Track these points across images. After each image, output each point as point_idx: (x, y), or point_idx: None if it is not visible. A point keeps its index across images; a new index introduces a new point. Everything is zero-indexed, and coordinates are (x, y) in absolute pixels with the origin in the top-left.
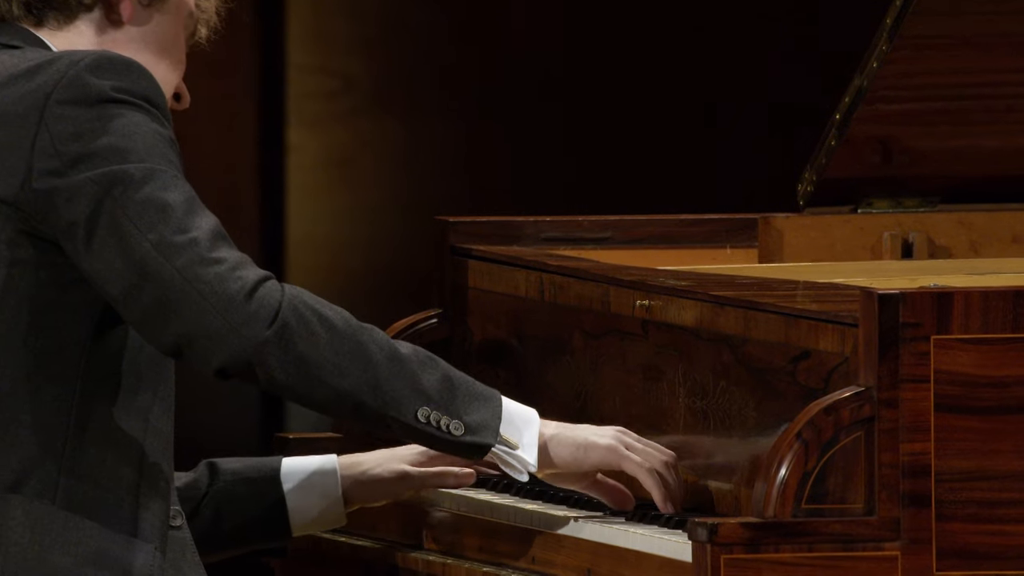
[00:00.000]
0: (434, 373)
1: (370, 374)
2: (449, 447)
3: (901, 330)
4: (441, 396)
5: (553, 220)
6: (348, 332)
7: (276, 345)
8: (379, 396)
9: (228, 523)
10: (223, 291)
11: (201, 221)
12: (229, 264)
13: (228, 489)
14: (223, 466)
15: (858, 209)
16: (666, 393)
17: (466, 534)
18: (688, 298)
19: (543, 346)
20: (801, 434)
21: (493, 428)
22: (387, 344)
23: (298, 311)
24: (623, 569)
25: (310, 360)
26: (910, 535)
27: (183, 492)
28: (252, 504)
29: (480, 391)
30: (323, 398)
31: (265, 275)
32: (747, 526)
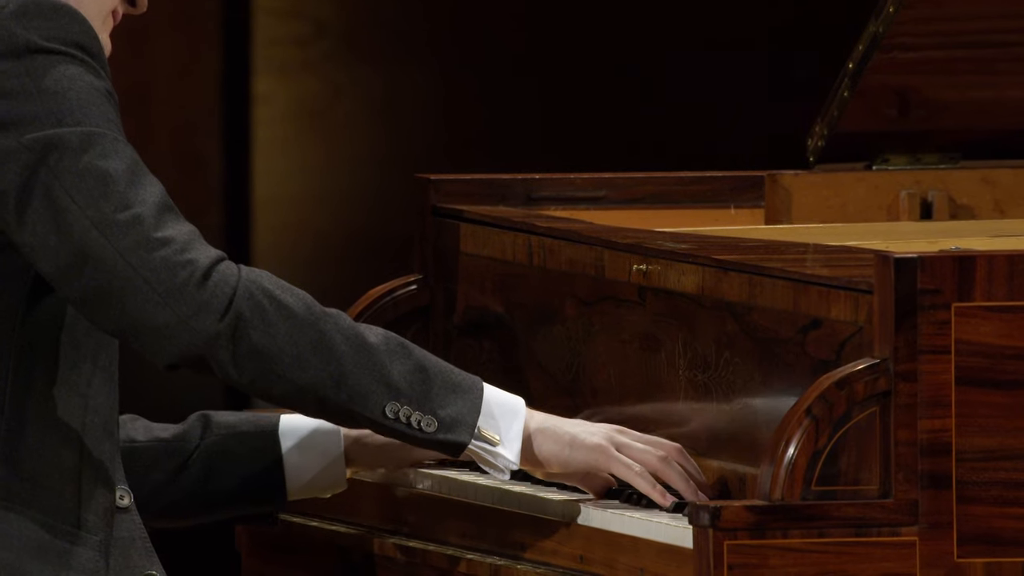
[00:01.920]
0: (405, 363)
1: (333, 366)
2: (422, 445)
3: (919, 297)
4: (412, 389)
5: (543, 178)
6: (309, 320)
7: (229, 338)
8: (343, 390)
9: (219, 481)
10: (171, 279)
11: (145, 193)
12: (177, 245)
13: (221, 444)
14: (217, 419)
15: (873, 166)
16: (665, 365)
17: (448, 518)
18: (689, 262)
19: (532, 315)
20: (811, 410)
21: (469, 423)
22: (353, 332)
23: (254, 299)
24: (618, 556)
25: (267, 353)
26: (929, 519)
27: (171, 445)
28: (246, 461)
29: (458, 381)
30: (282, 393)
31: (217, 256)
32: (752, 510)
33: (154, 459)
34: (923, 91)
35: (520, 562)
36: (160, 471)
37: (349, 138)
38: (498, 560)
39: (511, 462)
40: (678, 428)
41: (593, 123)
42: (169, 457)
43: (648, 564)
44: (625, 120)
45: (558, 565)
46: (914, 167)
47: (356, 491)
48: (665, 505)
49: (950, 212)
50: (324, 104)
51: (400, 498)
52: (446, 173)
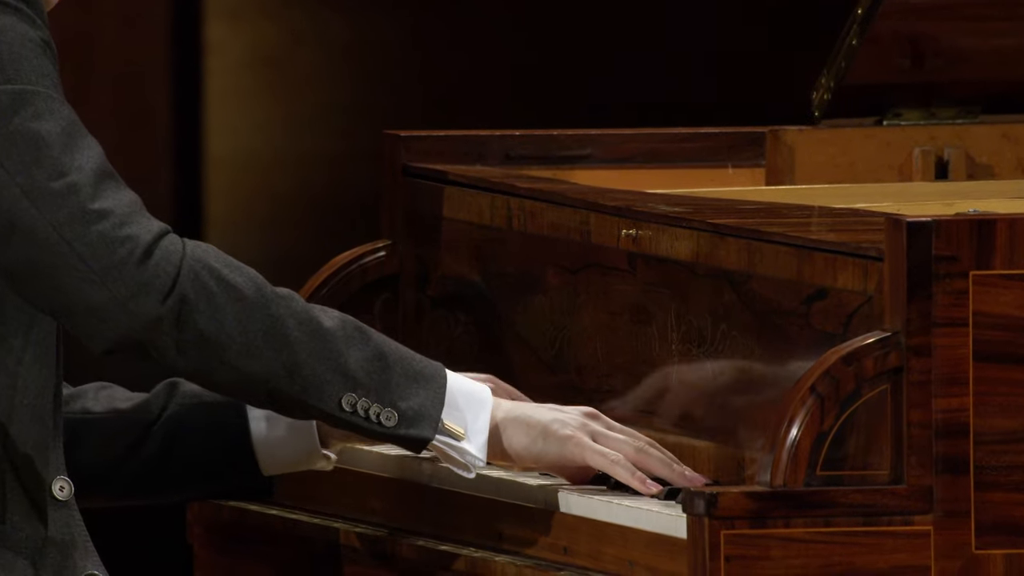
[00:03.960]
0: (363, 350)
1: (285, 355)
2: (382, 439)
3: (934, 265)
4: (371, 379)
5: (523, 135)
6: (260, 303)
7: (172, 323)
8: (296, 381)
9: (182, 455)
10: (108, 256)
11: (82, 158)
12: (116, 218)
13: (182, 415)
14: (184, 388)
15: (884, 121)
16: (656, 339)
17: (419, 506)
18: (683, 227)
19: (511, 284)
20: (816, 388)
21: (433, 417)
22: (307, 316)
23: (199, 279)
24: (605, 547)
25: (214, 339)
26: (945, 507)
27: (129, 416)
28: (209, 433)
29: (419, 369)
30: (229, 383)
31: (160, 231)
32: (752, 496)
33: (110, 432)
34: (939, 38)
35: (498, 554)
36: (117, 445)
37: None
38: (474, 552)
39: (478, 459)
40: (670, 407)
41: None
42: (126, 430)
43: (637, 556)
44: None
45: (540, 557)
46: (929, 122)
47: (316, 477)
48: (648, 492)
49: (968, 171)
50: (283, 53)
51: (366, 484)
52: (417, 129)
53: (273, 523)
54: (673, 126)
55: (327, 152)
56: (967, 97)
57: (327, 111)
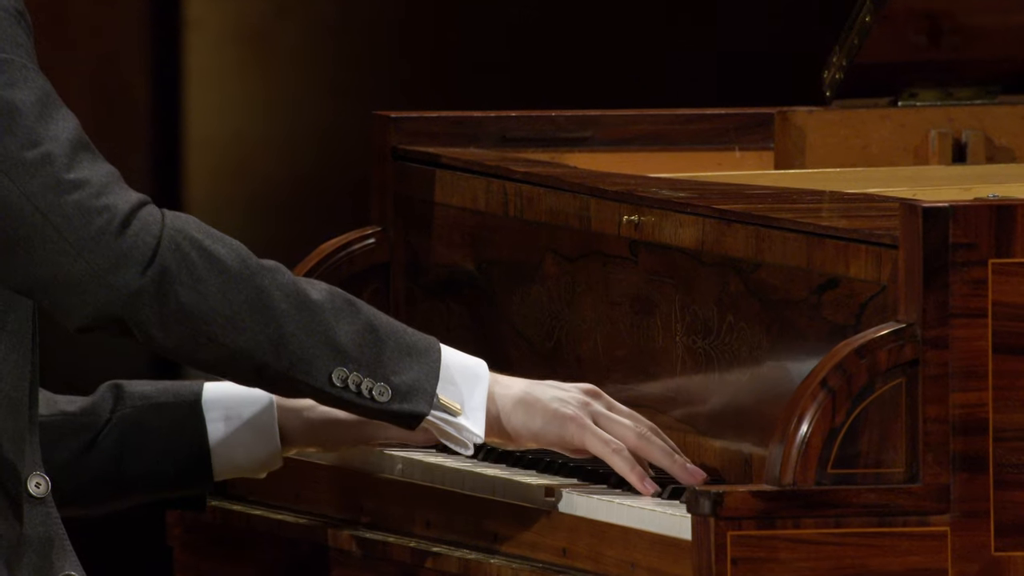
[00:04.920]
0: (353, 323)
1: (272, 328)
2: (374, 416)
3: (951, 252)
4: (362, 352)
5: (519, 115)
6: (244, 275)
7: (153, 296)
8: (284, 355)
9: (133, 461)
10: (85, 226)
11: (57, 128)
12: (93, 188)
13: (135, 417)
14: (131, 389)
15: (899, 101)
16: (660, 331)
17: (412, 506)
18: (687, 213)
19: (507, 273)
20: (827, 382)
21: (428, 391)
22: (294, 288)
23: (181, 250)
24: (606, 548)
25: (196, 313)
26: (962, 506)
27: (77, 419)
28: (164, 437)
29: (413, 342)
30: (214, 359)
31: (139, 201)
32: (760, 496)
33: (58, 436)
34: (956, 15)
35: (494, 556)
36: (65, 450)
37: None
38: (468, 554)
39: (475, 435)
40: (674, 403)
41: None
42: (75, 433)
43: (640, 558)
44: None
45: (538, 559)
46: (946, 103)
47: (304, 476)
48: (645, 492)
49: (987, 154)
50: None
51: (355, 483)
52: (408, 109)
53: (257, 524)
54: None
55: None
56: (986, 76)
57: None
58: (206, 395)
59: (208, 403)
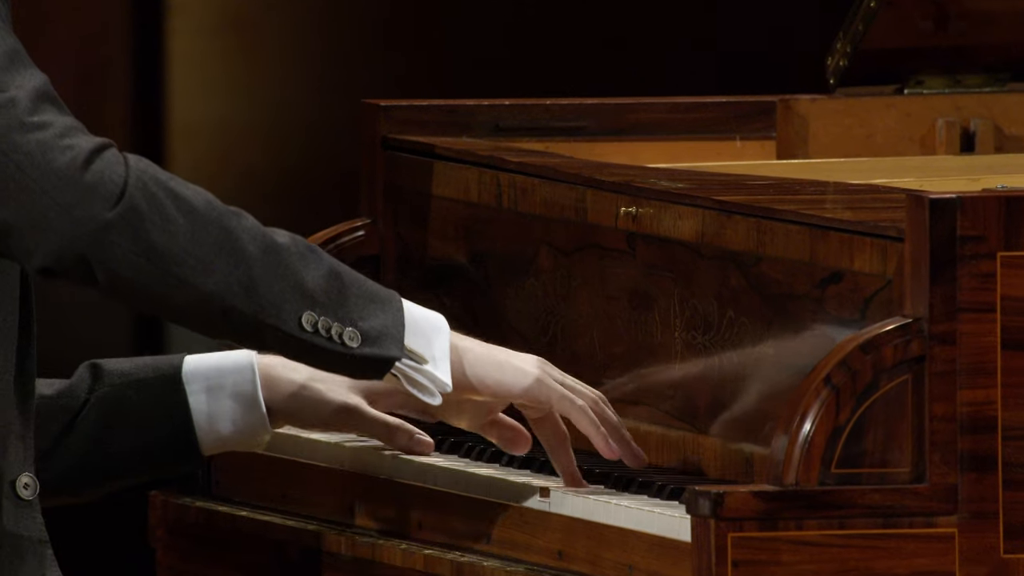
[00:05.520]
0: (318, 268)
1: (242, 271)
2: (341, 363)
3: (959, 245)
4: (329, 297)
5: (513, 104)
6: (213, 217)
7: (121, 231)
8: (254, 299)
9: (116, 442)
10: (47, 164)
11: (22, 78)
12: (56, 130)
13: (115, 396)
14: (109, 367)
15: (905, 89)
16: (658, 326)
17: (404, 507)
18: (686, 204)
19: (501, 266)
20: (831, 379)
21: (397, 337)
22: (260, 232)
23: (148, 189)
24: (603, 551)
25: (166, 253)
26: (970, 507)
27: (55, 402)
28: (146, 414)
29: (375, 290)
30: (182, 302)
31: (102, 142)
32: (762, 496)
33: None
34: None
35: (487, 558)
36: (44, 435)
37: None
38: (461, 556)
39: (444, 383)
40: (673, 400)
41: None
42: (52, 417)
43: (638, 560)
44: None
45: (532, 562)
46: (954, 90)
47: (292, 476)
48: (611, 455)
49: (996, 144)
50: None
51: (345, 483)
52: (399, 98)
53: (243, 525)
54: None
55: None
56: (995, 62)
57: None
58: (186, 368)
59: (188, 376)
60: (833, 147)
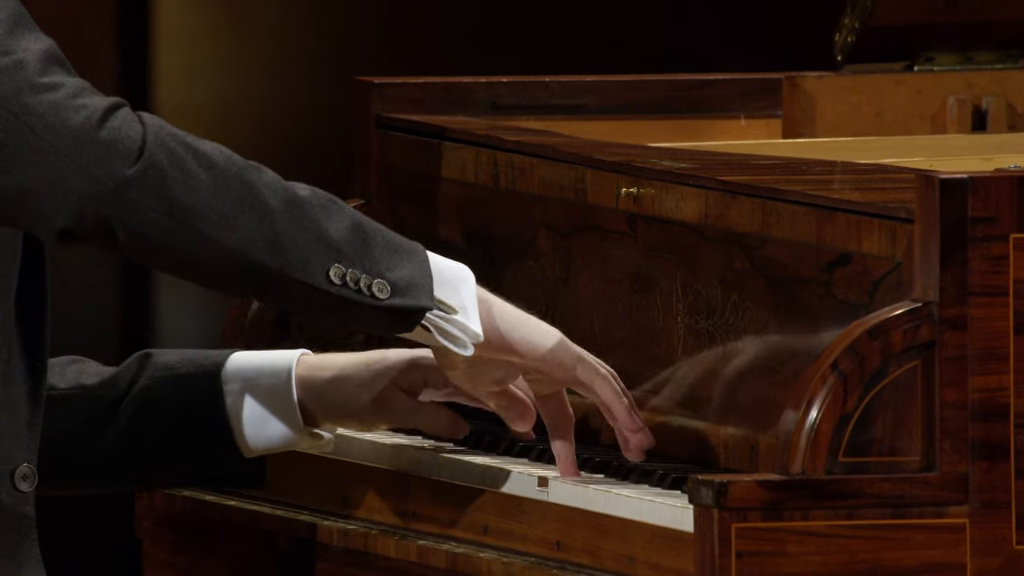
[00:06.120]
0: (341, 219)
1: (266, 225)
2: (372, 315)
3: (971, 227)
4: (355, 249)
5: (511, 81)
6: (234, 172)
7: (142, 188)
8: (279, 253)
9: (151, 436)
10: (61, 124)
11: (28, 41)
12: (67, 90)
13: (152, 390)
14: (158, 359)
15: (915, 66)
16: (660, 310)
17: (398, 497)
18: (689, 185)
19: (498, 248)
20: (838, 364)
21: (426, 287)
22: (281, 186)
23: (167, 145)
24: (603, 541)
25: (190, 209)
26: (982, 497)
27: (95, 392)
28: (182, 411)
29: (399, 241)
30: (206, 259)
31: (116, 101)
32: (767, 485)
33: (74, 410)
34: None
35: (483, 549)
36: (81, 424)
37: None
38: (457, 547)
39: (476, 333)
40: (676, 387)
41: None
42: (91, 407)
43: (639, 551)
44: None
45: (530, 553)
46: (965, 67)
47: (281, 464)
48: (633, 427)
49: (1008, 122)
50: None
51: (335, 472)
52: (392, 75)
53: (232, 515)
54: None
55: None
56: (1008, 39)
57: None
58: (228, 365)
59: (228, 373)
60: (841, 126)
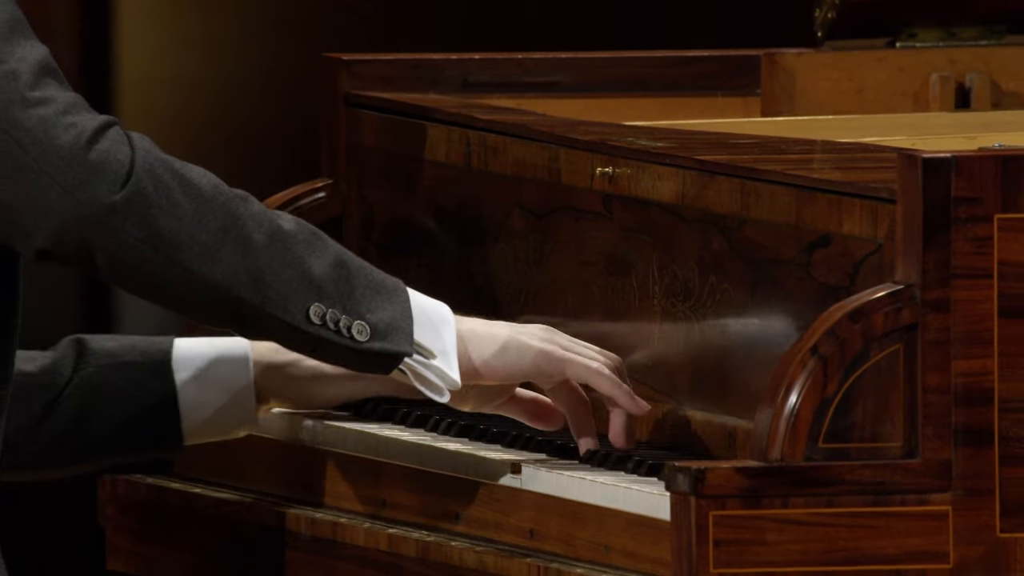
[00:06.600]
0: (324, 256)
1: (249, 259)
2: (349, 357)
3: (954, 207)
4: (337, 287)
5: (483, 58)
6: (220, 202)
7: (126, 216)
8: (260, 289)
9: (96, 424)
10: (49, 141)
11: (23, 50)
12: (58, 106)
13: (99, 377)
14: (94, 345)
15: (897, 42)
16: (636, 292)
17: (367, 484)
18: (666, 164)
19: (470, 229)
20: (818, 348)
21: (406, 331)
22: (266, 218)
23: (155, 172)
24: (577, 530)
25: (173, 240)
26: (965, 484)
27: (36, 379)
28: (130, 398)
29: (381, 280)
30: (186, 290)
31: (107, 120)
32: (745, 472)
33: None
34: None
35: (455, 538)
36: (23, 413)
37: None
38: (428, 535)
39: (453, 380)
40: (652, 371)
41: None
42: (34, 395)
43: (614, 540)
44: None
45: (503, 542)
46: (948, 44)
47: (248, 451)
48: (638, 411)
49: (992, 100)
50: None
51: (303, 458)
52: (361, 51)
53: (196, 503)
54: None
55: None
56: (992, 14)
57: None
58: (176, 353)
59: (178, 362)
60: (821, 104)
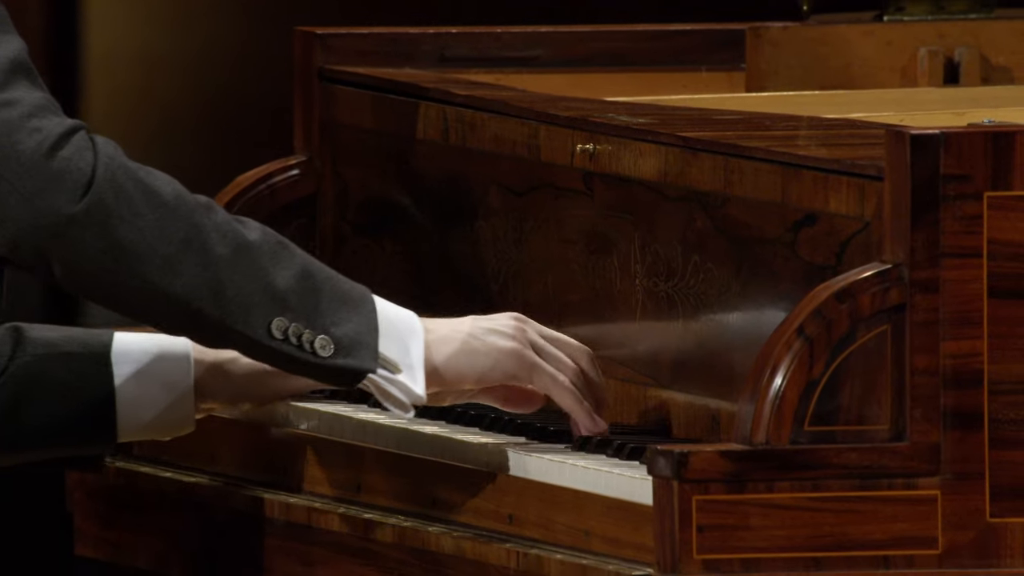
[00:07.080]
0: (289, 267)
1: (211, 272)
2: (312, 371)
3: (943, 185)
4: (300, 300)
5: (461, 32)
6: (182, 212)
7: (85, 226)
8: (221, 303)
9: (30, 415)
10: (11, 145)
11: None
12: (23, 108)
13: (36, 367)
14: (32, 334)
15: (884, 16)
16: (617, 272)
17: (341, 468)
18: (648, 141)
19: (447, 207)
20: (804, 329)
21: (370, 345)
22: (230, 228)
23: (117, 181)
24: (556, 515)
25: (132, 251)
26: (954, 467)
27: None
28: (67, 391)
29: (347, 290)
30: (146, 302)
31: (73, 126)
32: (729, 456)
33: None
34: None
35: (431, 524)
36: None
37: None
38: (404, 521)
39: (418, 396)
40: (634, 352)
41: None
42: None
43: (594, 525)
44: None
45: (481, 527)
46: (937, 17)
47: (220, 435)
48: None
49: (982, 75)
50: None
51: (276, 442)
52: (336, 25)
53: (166, 486)
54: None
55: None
56: None
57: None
58: (116, 346)
59: (118, 356)
60: (807, 79)
